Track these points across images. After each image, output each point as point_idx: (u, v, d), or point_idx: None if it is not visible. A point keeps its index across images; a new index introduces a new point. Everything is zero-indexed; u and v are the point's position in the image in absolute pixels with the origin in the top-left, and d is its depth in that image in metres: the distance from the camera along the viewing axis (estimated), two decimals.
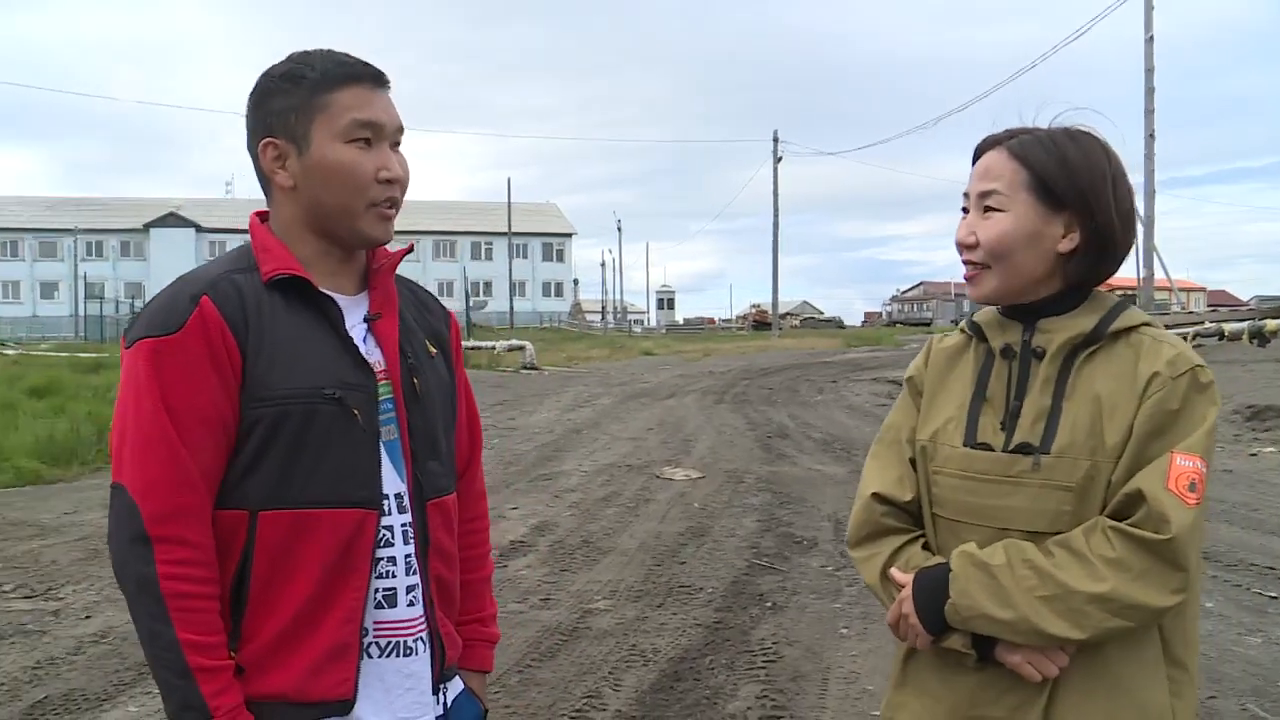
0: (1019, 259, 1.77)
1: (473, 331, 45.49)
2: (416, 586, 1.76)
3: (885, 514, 1.89)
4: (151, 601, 1.58)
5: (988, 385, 1.83)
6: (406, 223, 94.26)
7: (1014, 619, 1.65)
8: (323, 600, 1.66)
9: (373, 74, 1.75)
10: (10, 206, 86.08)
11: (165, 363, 1.60)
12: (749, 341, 55.58)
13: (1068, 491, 1.70)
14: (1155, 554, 1.61)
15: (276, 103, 1.72)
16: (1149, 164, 30.04)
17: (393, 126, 1.76)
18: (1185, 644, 1.74)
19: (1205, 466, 1.65)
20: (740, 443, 13.09)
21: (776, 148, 59.16)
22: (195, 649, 1.57)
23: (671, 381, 24.54)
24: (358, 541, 1.68)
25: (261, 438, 1.64)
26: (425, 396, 1.80)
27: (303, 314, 1.70)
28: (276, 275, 1.69)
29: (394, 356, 1.76)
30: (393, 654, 1.73)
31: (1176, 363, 1.69)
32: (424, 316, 1.91)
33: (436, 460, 1.81)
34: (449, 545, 1.84)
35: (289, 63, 1.74)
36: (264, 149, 1.73)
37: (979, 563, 1.70)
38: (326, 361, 1.68)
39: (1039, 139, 1.79)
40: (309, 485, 1.65)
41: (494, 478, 10.62)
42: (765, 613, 5.86)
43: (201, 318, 1.62)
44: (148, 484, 1.59)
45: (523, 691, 4.69)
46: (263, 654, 1.65)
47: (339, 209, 1.72)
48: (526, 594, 6.32)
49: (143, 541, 1.58)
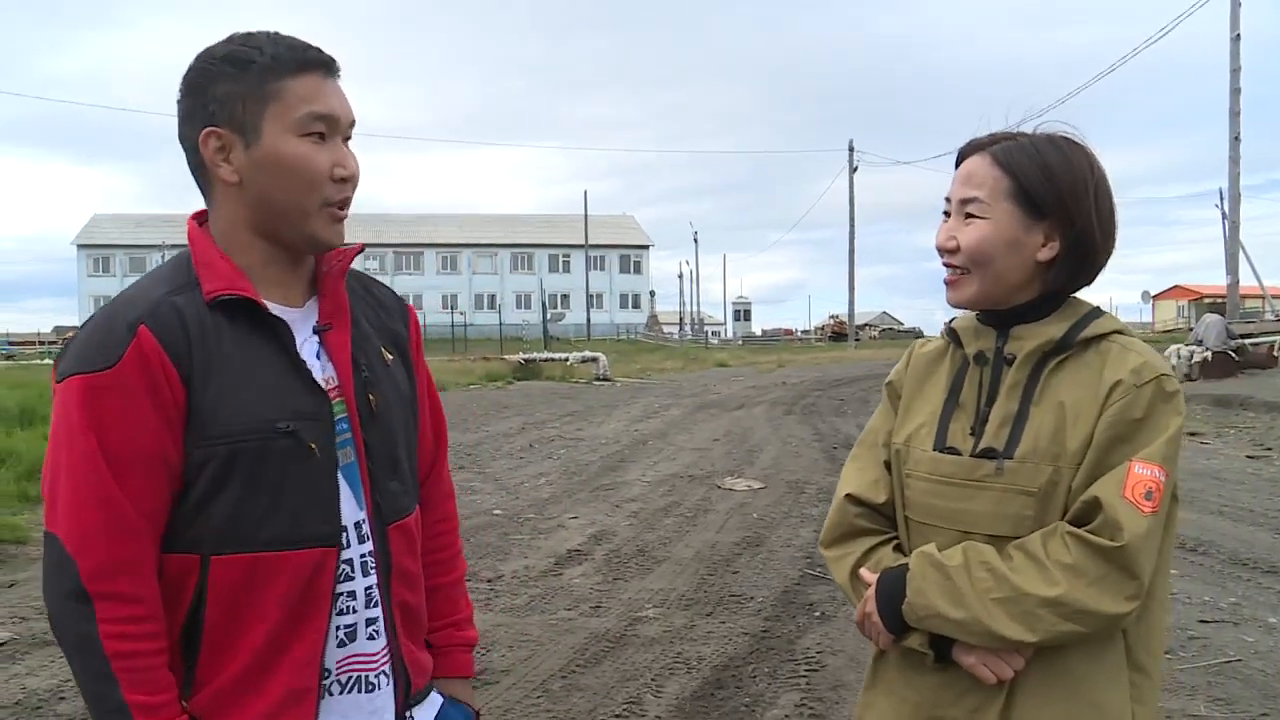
0: (999, 265, 1.77)
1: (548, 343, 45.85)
2: (378, 619, 1.66)
3: (859, 515, 1.92)
4: (95, 661, 1.46)
5: (961, 391, 1.85)
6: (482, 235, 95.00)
7: (967, 619, 1.66)
8: (281, 644, 1.55)
9: (325, 61, 1.60)
10: (102, 224, 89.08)
11: (100, 401, 1.46)
12: (824, 352, 55.22)
13: (1030, 496, 1.71)
14: (1109, 561, 1.61)
15: (221, 88, 1.55)
16: (1234, 167, 29.23)
17: (347, 120, 1.62)
18: (1148, 649, 1.74)
19: (1165, 475, 1.65)
20: (805, 453, 13.04)
21: (852, 157, 58.79)
22: (144, 710, 1.47)
23: (742, 393, 24.51)
24: (317, 580, 1.57)
25: (212, 478, 1.51)
26: (383, 412, 1.67)
27: (249, 337, 1.56)
28: (220, 295, 1.54)
29: (347, 371, 1.64)
30: (354, 689, 1.64)
31: (1141, 371, 1.69)
32: (379, 317, 1.78)
33: (397, 479, 1.70)
34: (412, 568, 1.74)
35: (232, 44, 1.58)
36: (205, 139, 1.56)
37: (936, 563, 1.72)
38: (278, 391, 1.55)
39: (1022, 146, 1.79)
40: (265, 526, 1.53)
41: (557, 487, 10.76)
42: (813, 622, 5.85)
43: (140, 350, 1.47)
44: (84, 535, 1.46)
45: (564, 697, 4.75)
46: (217, 702, 1.55)
47: (290, 208, 1.57)
48: (578, 601, 6.39)
49: (81, 598, 1.46)
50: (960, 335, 1.89)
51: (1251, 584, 6.55)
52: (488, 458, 13.12)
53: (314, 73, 1.58)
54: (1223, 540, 7.67)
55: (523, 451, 13.83)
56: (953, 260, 1.82)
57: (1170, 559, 1.78)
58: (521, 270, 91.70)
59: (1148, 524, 1.62)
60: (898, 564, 1.81)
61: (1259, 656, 5.17)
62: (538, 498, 10.17)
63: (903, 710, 1.81)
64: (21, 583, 6.84)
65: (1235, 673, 4.96)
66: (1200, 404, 18.06)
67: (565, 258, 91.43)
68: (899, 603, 1.74)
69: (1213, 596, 6.25)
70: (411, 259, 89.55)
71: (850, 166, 58.88)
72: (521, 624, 5.90)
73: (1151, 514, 1.62)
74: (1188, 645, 5.36)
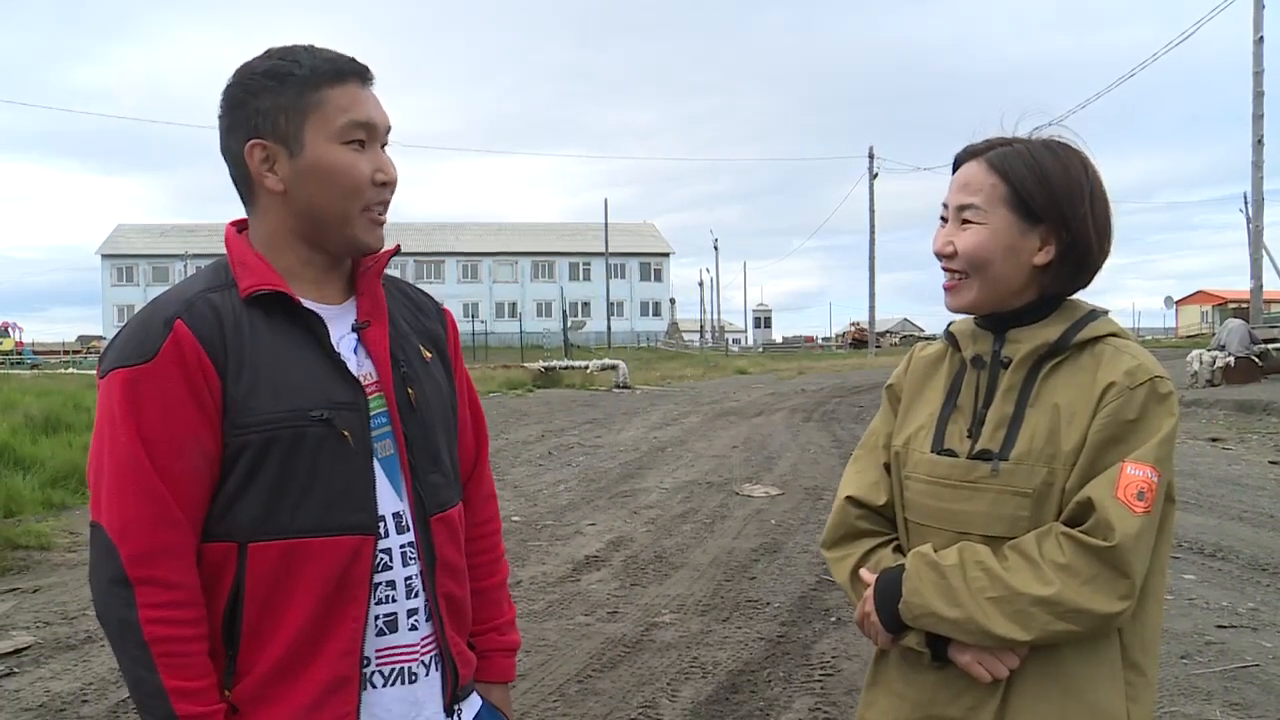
0: (996, 270, 1.79)
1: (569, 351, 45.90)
2: (419, 610, 1.68)
3: (859, 517, 1.95)
4: (135, 646, 1.50)
5: (959, 393, 1.87)
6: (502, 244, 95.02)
7: (961, 618, 1.69)
8: (319, 632, 1.58)
9: (360, 70, 1.66)
10: (126, 234, 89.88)
11: (140, 394, 1.52)
12: (845, 360, 55.09)
13: (1025, 498, 1.73)
14: (1101, 560, 1.63)
15: (263, 101, 1.61)
16: (1257, 171, 29.01)
17: (384, 126, 1.68)
18: (1144, 649, 1.75)
19: (1158, 476, 1.67)
20: (824, 460, 13.03)
21: (872, 164, 58.67)
22: (182, 695, 1.50)
23: (761, 400, 24.50)
24: (354, 569, 1.59)
25: (247, 466, 1.56)
26: (422, 406, 1.71)
27: (285, 331, 1.61)
28: (256, 291, 1.59)
29: (386, 367, 1.68)
30: (397, 682, 1.66)
31: (1135, 373, 1.71)
32: (418, 318, 1.82)
33: (438, 472, 1.73)
34: (457, 560, 1.76)
35: (271, 59, 1.64)
36: (251, 150, 1.62)
37: (931, 563, 1.74)
38: (312, 381, 1.59)
39: (1018, 151, 1.81)
40: (299, 513, 1.57)
41: (575, 494, 10.80)
42: (829, 627, 5.86)
43: (176, 343, 1.53)
44: (125, 523, 1.51)
45: (580, 701, 4.79)
46: (258, 690, 1.57)
47: (333, 214, 1.63)
48: (595, 606, 6.42)
49: (123, 584, 1.50)
50: (958, 338, 1.92)
51: (1271, 589, 6.52)
52: (507, 465, 13.18)
53: (351, 82, 1.64)
54: (1242, 546, 7.64)
55: (542, 459, 13.88)
56: (951, 265, 1.84)
57: (1166, 559, 1.79)
58: (542, 278, 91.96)
59: (1139, 524, 1.63)
60: (895, 564, 1.83)
61: (1277, 662, 5.15)
62: (556, 504, 10.22)
63: (901, 708, 1.84)
64: (46, 588, 6.93)
65: (1252, 678, 4.94)
66: (1223, 409, 17.95)
67: (586, 266, 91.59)
68: (896, 602, 1.77)
69: (1231, 602, 6.23)
70: (432, 267, 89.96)
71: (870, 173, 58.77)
72: (539, 629, 5.94)
73: (1143, 514, 1.64)
74: (1205, 650, 5.34)
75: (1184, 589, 6.48)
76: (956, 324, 1.94)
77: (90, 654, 5.54)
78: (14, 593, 6.85)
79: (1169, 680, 4.88)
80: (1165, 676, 4.91)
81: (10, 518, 8.84)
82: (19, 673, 5.25)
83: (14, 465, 10.37)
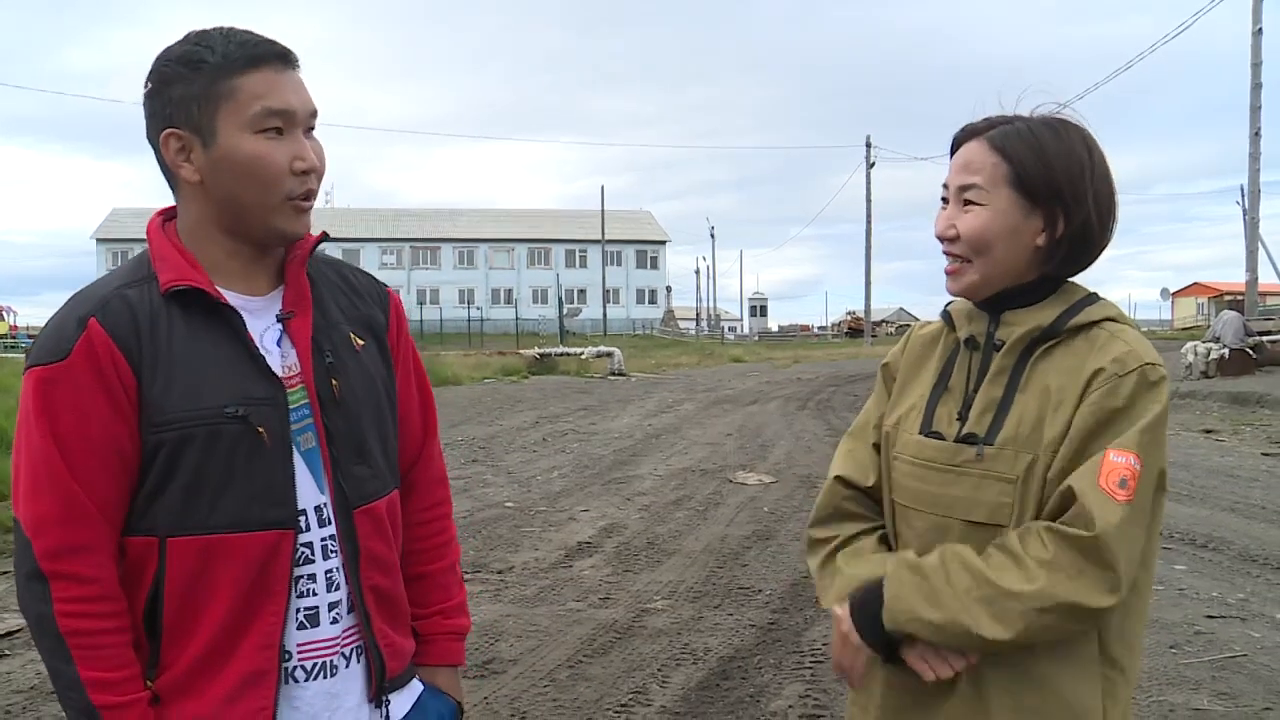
0: (999, 253, 1.76)
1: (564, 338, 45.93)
2: (341, 603, 1.67)
3: (847, 498, 1.93)
4: (51, 639, 1.52)
5: (951, 375, 1.84)
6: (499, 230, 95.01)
7: (945, 621, 1.64)
8: (239, 626, 1.58)
9: (279, 53, 1.60)
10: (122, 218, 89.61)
11: (52, 392, 1.52)
12: (840, 349, 55.16)
13: (1009, 483, 1.70)
14: (1083, 552, 1.58)
15: (176, 90, 1.57)
16: (1254, 163, 29.02)
17: (305, 112, 1.62)
18: (1124, 645, 1.71)
19: (1140, 463, 1.62)
20: (818, 448, 13.04)
21: (869, 153, 58.59)
22: (99, 686, 1.51)
23: (756, 388, 24.52)
24: (274, 563, 1.59)
25: (164, 464, 1.55)
26: (347, 398, 1.68)
27: (203, 326, 1.59)
28: (173, 286, 1.58)
29: (307, 358, 1.65)
30: (319, 675, 1.65)
31: (1125, 360, 1.67)
32: (353, 304, 1.78)
33: (364, 464, 1.70)
34: (384, 553, 1.74)
35: (185, 44, 1.60)
36: (165, 141, 1.59)
37: (913, 565, 1.70)
38: (229, 377, 1.58)
39: (1019, 130, 1.77)
40: (217, 510, 1.56)
41: (569, 480, 10.82)
42: (820, 615, 5.87)
43: (89, 343, 1.52)
44: (38, 520, 1.52)
45: (571, 686, 4.80)
46: (180, 682, 1.58)
47: (251, 205, 1.60)
48: (587, 593, 6.44)
49: (38, 578, 1.52)
50: (954, 318, 1.88)
51: (1261, 580, 6.55)
52: (501, 451, 13.19)
53: (267, 67, 1.59)
54: (1234, 537, 7.66)
55: (536, 445, 13.89)
56: (953, 249, 1.80)
57: (1155, 552, 1.76)
58: (538, 265, 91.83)
59: (1121, 513, 1.58)
60: (874, 583, 1.75)
61: (1265, 652, 5.17)
62: (549, 490, 10.23)
63: (887, 704, 1.81)
64: None
65: (1240, 667, 4.97)
66: (1216, 401, 17.99)
67: (582, 253, 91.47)
68: (876, 610, 1.71)
69: (1221, 592, 6.25)
70: (428, 253, 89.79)
71: (868, 162, 58.69)
72: (530, 614, 5.95)
73: (1125, 503, 1.59)
74: (1193, 640, 5.36)
75: (1174, 579, 6.50)
76: (955, 304, 1.90)
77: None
78: (6, 575, 6.84)
79: (1157, 670, 4.90)
80: (1154, 666, 4.93)
81: (3, 501, 8.83)
82: (11, 655, 5.26)
83: (7, 448, 10.35)
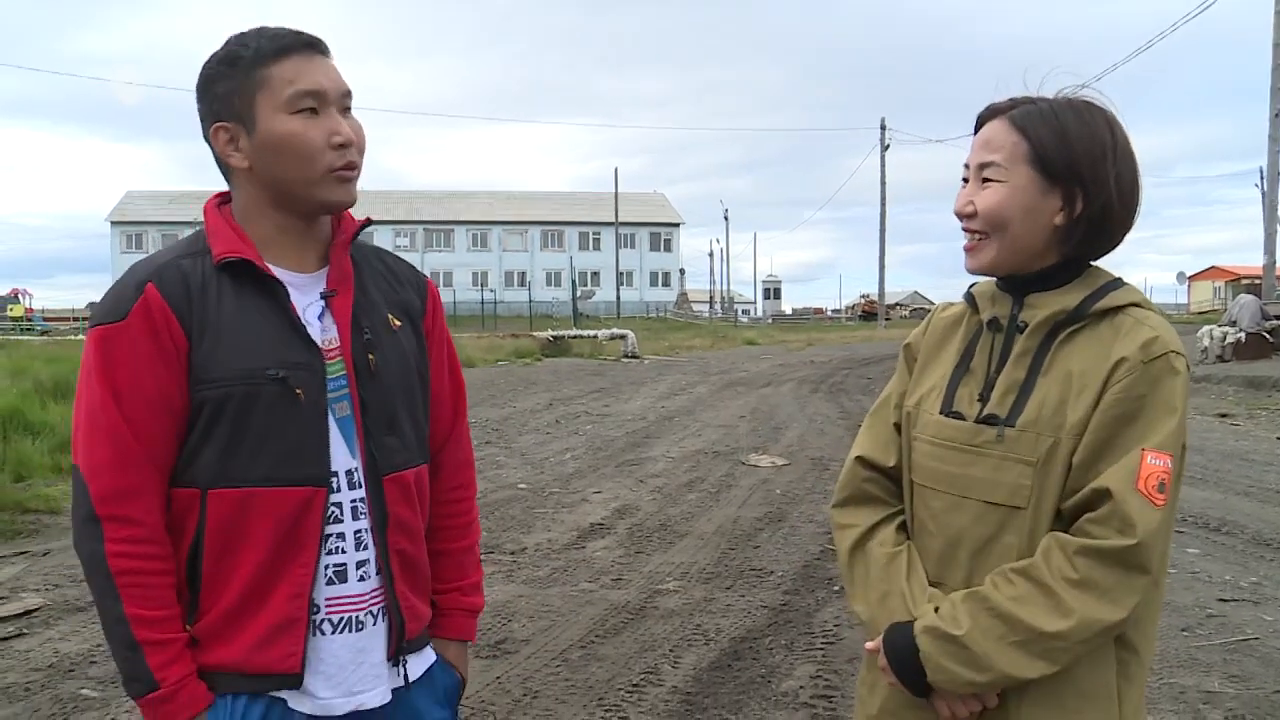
0: (1016, 230, 1.75)
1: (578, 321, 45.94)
2: (368, 561, 1.78)
3: (867, 480, 1.94)
4: (101, 578, 1.65)
5: (973, 356, 1.84)
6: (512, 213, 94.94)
7: (993, 680, 1.66)
8: (271, 576, 1.70)
9: (307, 41, 1.75)
10: (136, 201, 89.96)
11: (111, 349, 1.66)
12: (854, 332, 55.08)
13: (1028, 466, 1.70)
14: (1120, 562, 1.60)
15: (220, 87, 1.73)
16: (1274, 145, 28.68)
17: (337, 91, 1.75)
18: (1139, 628, 1.71)
19: (1174, 463, 1.64)
20: (830, 431, 13.05)
21: (884, 135, 58.35)
22: (143, 623, 1.64)
23: (769, 371, 24.51)
24: (305, 518, 1.71)
25: (207, 419, 1.68)
26: (382, 372, 1.80)
27: (251, 296, 1.72)
28: (225, 258, 1.71)
29: (347, 333, 1.78)
30: (344, 629, 1.76)
31: (1150, 347, 1.66)
32: (393, 289, 1.90)
33: (394, 435, 1.81)
34: (410, 519, 1.84)
35: (226, 46, 1.76)
36: (215, 134, 1.75)
37: (944, 636, 1.69)
38: (271, 342, 1.70)
39: (1041, 110, 1.76)
40: (255, 464, 1.68)
41: (582, 462, 10.84)
42: (831, 596, 5.89)
43: (145, 305, 1.66)
44: (95, 465, 1.65)
45: (583, 666, 4.82)
46: (215, 627, 1.70)
47: (296, 179, 1.73)
48: (599, 574, 6.46)
49: (92, 520, 1.64)
50: (978, 300, 1.88)
51: (1275, 564, 6.53)
52: (514, 433, 13.23)
53: (296, 55, 1.73)
54: (1247, 520, 7.64)
55: (549, 427, 13.92)
56: (970, 225, 1.80)
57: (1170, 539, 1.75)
58: (552, 248, 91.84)
59: (1160, 518, 1.60)
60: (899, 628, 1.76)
61: (1277, 635, 5.17)
62: (562, 472, 10.26)
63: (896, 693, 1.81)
64: (55, 551, 6.99)
65: (1252, 650, 4.96)
66: (1232, 385, 17.90)
67: (595, 235, 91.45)
68: (911, 657, 1.72)
69: (1234, 576, 6.24)
70: (442, 236, 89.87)
71: (882, 144, 58.45)
72: (543, 595, 5.98)
73: (1164, 507, 1.61)
74: (1205, 623, 5.36)
75: (1187, 563, 6.49)
76: (978, 285, 1.90)
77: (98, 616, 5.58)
78: (24, 555, 6.91)
79: (1169, 652, 4.90)
80: (1165, 649, 4.93)
81: (20, 482, 8.91)
82: (29, 634, 5.31)
83: (24, 430, 10.42)
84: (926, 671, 1.70)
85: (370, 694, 1.78)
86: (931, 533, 1.83)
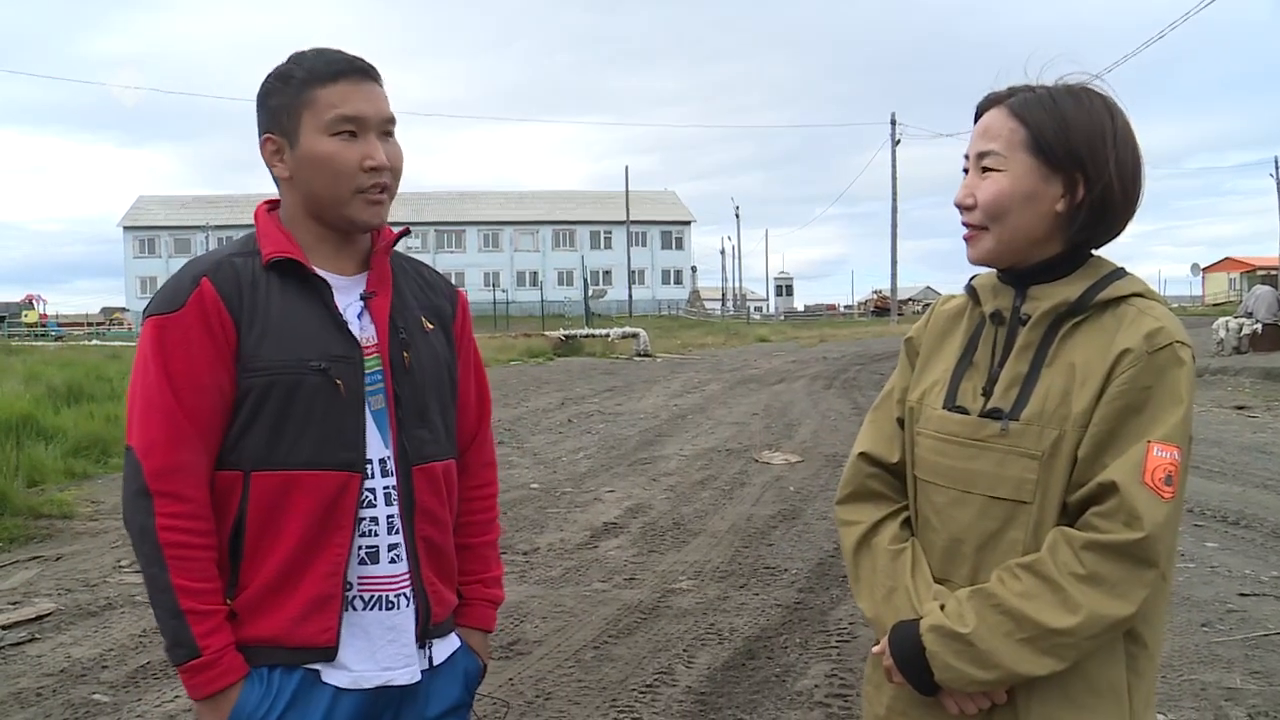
0: (1016, 219, 1.73)
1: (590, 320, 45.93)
2: (399, 545, 1.88)
3: (871, 476, 1.91)
4: (150, 549, 1.74)
5: (975, 350, 1.81)
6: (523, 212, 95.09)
7: (1001, 677, 1.64)
8: (308, 554, 1.80)
9: (359, 68, 1.86)
10: (148, 206, 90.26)
11: (167, 337, 1.77)
12: (866, 327, 54.98)
13: (1033, 459, 1.67)
14: (1127, 556, 1.57)
15: (273, 101, 1.86)
16: None
17: (379, 118, 1.86)
18: (1146, 621, 1.68)
19: (1181, 455, 1.61)
20: (844, 427, 12.99)
21: (894, 130, 58.21)
22: (187, 593, 1.74)
23: (782, 367, 24.46)
24: (341, 501, 1.81)
25: (253, 404, 1.79)
26: (415, 368, 1.91)
27: (296, 293, 1.84)
28: (273, 258, 1.83)
29: (384, 331, 1.89)
30: (376, 607, 1.86)
31: (1155, 337, 1.63)
32: (426, 295, 2.02)
33: (425, 429, 1.92)
34: (437, 509, 1.94)
35: (286, 63, 1.88)
36: (264, 144, 1.88)
37: (950, 634, 1.67)
38: (314, 336, 1.82)
39: (1039, 97, 1.74)
40: (295, 448, 1.79)
41: (594, 461, 10.82)
42: (846, 594, 5.84)
43: (200, 297, 1.78)
44: (149, 443, 1.76)
45: (596, 666, 4.79)
46: (255, 601, 1.80)
47: (327, 196, 1.85)
48: (612, 573, 6.43)
49: (144, 495, 1.75)
50: (979, 293, 1.85)
51: None
52: (527, 432, 13.21)
53: (346, 80, 1.84)
54: (1266, 514, 7.57)
55: (561, 426, 13.91)
56: (970, 217, 1.77)
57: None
58: (563, 247, 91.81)
59: (1168, 510, 1.57)
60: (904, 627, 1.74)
61: None
62: (575, 472, 10.24)
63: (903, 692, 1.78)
64: (68, 556, 6.99)
65: (1273, 645, 4.90)
66: (1249, 377, 17.78)
67: (607, 234, 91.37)
68: (917, 657, 1.70)
69: (1254, 570, 6.17)
70: (453, 237, 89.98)
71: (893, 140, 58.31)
72: (556, 595, 5.95)
73: (1171, 500, 1.58)
74: (1226, 618, 5.30)
75: (1206, 557, 6.43)
76: (979, 277, 1.87)
77: (110, 620, 5.59)
78: (37, 560, 6.91)
79: (1189, 648, 4.85)
80: (1185, 644, 4.88)
81: (33, 487, 8.92)
82: (41, 639, 5.30)
83: (37, 435, 10.45)
84: (933, 670, 1.68)
85: (401, 672, 1.87)
86: (935, 528, 1.80)
